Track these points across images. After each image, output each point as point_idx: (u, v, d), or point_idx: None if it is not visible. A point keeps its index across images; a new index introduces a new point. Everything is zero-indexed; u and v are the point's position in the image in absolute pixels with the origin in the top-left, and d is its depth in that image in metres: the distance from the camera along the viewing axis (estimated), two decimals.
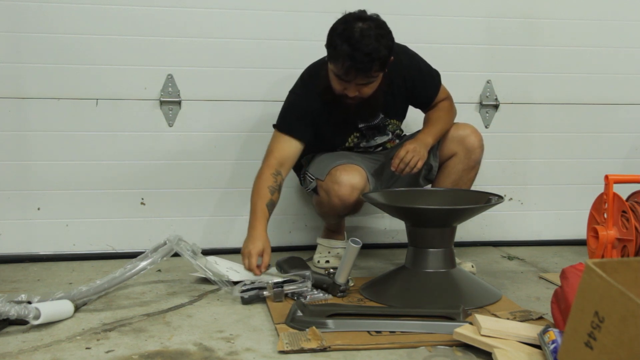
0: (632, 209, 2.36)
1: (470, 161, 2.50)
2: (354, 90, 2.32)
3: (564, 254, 2.96)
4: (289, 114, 2.48)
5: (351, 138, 2.56)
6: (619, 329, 1.25)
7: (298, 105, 2.47)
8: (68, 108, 2.76)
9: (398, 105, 2.55)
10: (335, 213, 2.54)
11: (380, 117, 2.54)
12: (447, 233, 2.20)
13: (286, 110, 2.50)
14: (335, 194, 2.40)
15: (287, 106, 2.50)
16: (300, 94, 2.48)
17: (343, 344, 1.74)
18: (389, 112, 2.54)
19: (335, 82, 2.34)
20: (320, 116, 2.46)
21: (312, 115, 2.45)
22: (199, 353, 1.72)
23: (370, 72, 2.26)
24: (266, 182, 2.41)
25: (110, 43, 2.76)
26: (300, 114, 2.45)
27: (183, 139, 2.86)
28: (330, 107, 2.44)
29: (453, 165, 2.51)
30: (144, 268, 2.10)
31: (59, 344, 1.78)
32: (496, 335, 1.70)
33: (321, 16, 2.83)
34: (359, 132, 2.55)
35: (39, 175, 2.77)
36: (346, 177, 2.38)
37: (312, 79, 2.47)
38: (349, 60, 2.22)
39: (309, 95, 2.45)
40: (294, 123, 2.46)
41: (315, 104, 2.44)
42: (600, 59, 3.11)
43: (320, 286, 2.20)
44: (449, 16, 2.99)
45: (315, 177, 2.49)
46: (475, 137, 2.50)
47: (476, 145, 2.50)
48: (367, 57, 2.21)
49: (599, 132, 3.15)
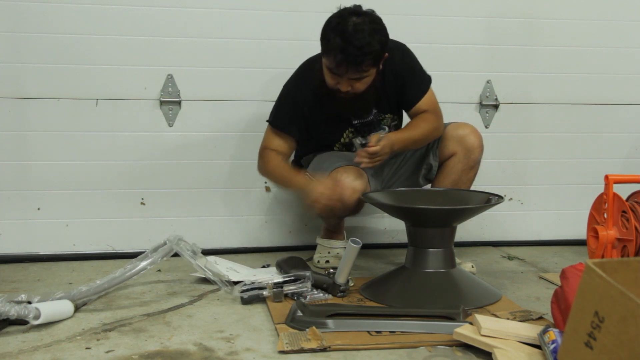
0: (632, 209, 2.36)
1: (470, 161, 2.50)
2: (347, 85, 2.32)
3: (564, 254, 2.96)
4: (282, 109, 2.49)
5: (346, 134, 2.55)
6: (619, 329, 1.25)
7: (290, 98, 2.48)
8: (68, 108, 2.76)
9: (391, 100, 2.53)
10: (335, 215, 2.54)
11: (374, 113, 2.53)
12: (447, 233, 2.20)
13: (279, 105, 2.51)
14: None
15: (280, 100, 2.52)
16: (293, 87, 2.49)
17: (343, 344, 1.74)
18: (382, 107, 2.53)
19: (328, 76, 2.34)
20: (312, 109, 2.46)
21: (304, 108, 2.45)
22: (199, 353, 1.72)
23: (361, 67, 2.25)
24: (276, 158, 2.47)
25: (110, 43, 2.76)
26: (292, 108, 2.46)
27: (183, 139, 2.86)
28: (323, 101, 2.43)
29: (452, 165, 2.50)
30: (144, 268, 2.10)
31: (59, 344, 1.78)
32: (496, 335, 1.70)
33: (321, 16, 2.83)
34: (353, 128, 2.55)
35: (39, 175, 2.77)
36: (347, 178, 2.37)
37: (306, 72, 2.48)
38: (340, 54, 2.22)
39: (302, 88, 2.46)
40: (287, 120, 2.48)
41: (308, 96, 2.44)
42: (600, 59, 3.11)
43: (320, 286, 2.20)
44: (449, 16, 2.99)
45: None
46: (474, 137, 2.49)
47: (475, 145, 2.49)
48: (359, 51, 2.21)
49: (599, 132, 3.15)
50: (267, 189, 2.95)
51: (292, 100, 2.47)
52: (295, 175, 2.45)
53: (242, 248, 2.93)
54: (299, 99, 2.46)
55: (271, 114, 2.53)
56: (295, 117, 2.47)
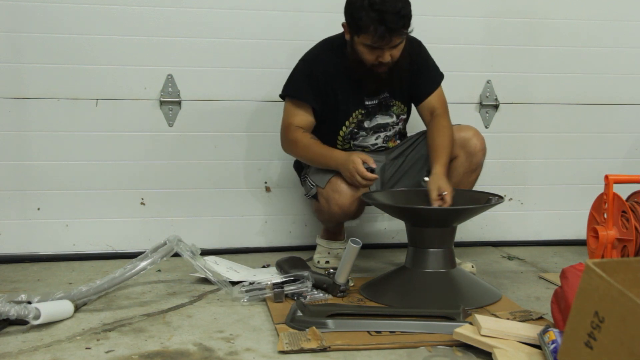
0: (632, 209, 2.36)
1: (472, 164, 2.49)
2: (387, 55, 2.33)
3: (564, 254, 2.96)
4: (298, 80, 2.48)
5: (355, 114, 2.52)
6: (619, 329, 1.25)
7: (307, 69, 2.47)
8: (68, 108, 2.76)
9: (403, 87, 2.53)
10: (335, 221, 2.55)
11: (385, 96, 2.53)
12: (447, 233, 2.20)
13: (294, 77, 2.50)
14: (336, 203, 2.39)
15: (295, 72, 2.51)
16: (310, 60, 2.49)
17: (343, 344, 1.74)
18: (394, 93, 2.53)
19: (366, 54, 2.34)
20: (329, 82, 2.46)
21: (320, 80, 2.45)
22: (199, 353, 1.72)
23: (403, 30, 2.28)
24: (305, 136, 2.45)
25: (110, 43, 2.76)
26: (308, 78, 2.46)
27: (183, 139, 2.86)
28: (341, 74, 2.44)
29: (454, 168, 2.49)
30: (144, 268, 2.10)
31: (59, 344, 1.78)
32: (496, 335, 1.70)
33: (321, 16, 2.85)
34: (364, 110, 2.53)
35: (39, 175, 2.77)
36: (347, 186, 2.37)
37: (324, 46, 2.50)
38: (381, 25, 2.24)
39: (320, 61, 2.47)
40: (303, 89, 2.46)
41: (328, 67, 2.45)
42: (600, 59, 3.11)
43: (320, 286, 2.20)
44: (448, 16, 2.99)
45: (316, 184, 2.48)
46: (477, 140, 2.48)
47: (478, 149, 2.48)
48: (397, 16, 2.24)
49: (599, 132, 3.15)
50: (267, 189, 2.95)
51: (308, 71, 2.47)
52: (331, 150, 2.43)
53: (242, 248, 2.92)
54: (315, 70, 2.45)
55: (286, 87, 2.51)
56: (311, 87, 2.46)
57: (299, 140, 2.45)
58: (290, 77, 2.51)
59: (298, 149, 2.47)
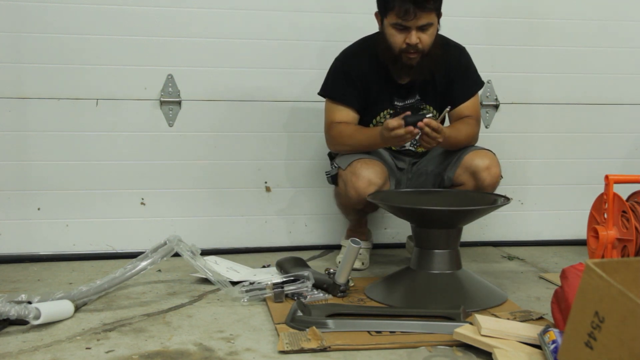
0: (632, 209, 2.35)
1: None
2: (415, 36, 2.33)
3: (564, 254, 2.96)
4: (336, 81, 2.51)
5: (383, 113, 2.53)
6: (619, 329, 1.25)
7: (342, 68, 2.50)
8: (68, 108, 2.76)
9: (437, 91, 2.53)
10: (351, 205, 2.52)
11: (417, 99, 2.53)
12: (453, 234, 2.19)
13: (332, 78, 2.52)
14: (352, 186, 2.39)
15: (332, 72, 2.53)
16: (345, 58, 2.52)
17: (343, 344, 1.74)
18: (426, 96, 2.53)
19: (395, 36, 2.35)
20: (361, 81, 2.48)
21: (356, 77, 2.47)
22: (199, 353, 1.72)
23: (428, 5, 2.28)
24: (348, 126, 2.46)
25: (110, 43, 2.76)
26: (344, 79, 2.48)
27: (183, 139, 2.86)
28: (374, 72, 2.46)
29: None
30: (144, 268, 2.10)
31: (59, 344, 1.78)
32: (496, 335, 1.70)
33: (321, 16, 2.85)
34: (393, 110, 2.53)
35: (39, 175, 2.77)
36: (365, 170, 2.38)
37: (361, 44, 2.51)
38: (406, 1, 2.26)
39: (355, 58, 2.49)
40: (342, 90, 2.49)
41: (363, 64, 2.47)
42: (600, 59, 3.11)
43: (320, 286, 2.20)
44: (449, 16, 2.96)
45: (338, 166, 2.49)
46: (487, 175, 2.41)
47: (486, 184, 2.41)
48: None
49: (599, 132, 3.15)
50: (267, 189, 2.95)
51: (343, 71, 2.49)
52: (373, 129, 2.44)
53: (242, 248, 2.92)
54: (350, 69, 2.48)
55: (324, 88, 2.54)
56: (349, 87, 2.48)
57: (343, 131, 2.48)
58: (327, 76, 2.55)
59: (344, 138, 2.48)
